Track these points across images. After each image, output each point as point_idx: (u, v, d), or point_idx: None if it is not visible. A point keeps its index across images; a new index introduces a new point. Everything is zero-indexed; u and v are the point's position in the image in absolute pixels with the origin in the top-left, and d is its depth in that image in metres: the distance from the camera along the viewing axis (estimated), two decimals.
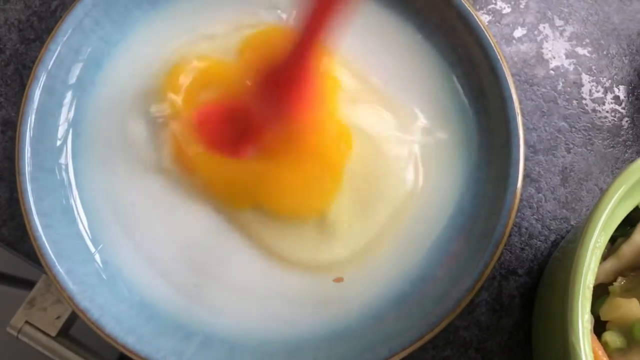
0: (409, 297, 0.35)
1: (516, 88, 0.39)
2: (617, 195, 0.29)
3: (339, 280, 0.36)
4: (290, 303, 0.35)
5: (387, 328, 0.34)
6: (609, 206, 0.29)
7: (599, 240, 0.29)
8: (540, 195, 0.39)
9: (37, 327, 0.40)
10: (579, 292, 0.28)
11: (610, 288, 0.32)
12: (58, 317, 0.40)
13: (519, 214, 0.38)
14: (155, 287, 0.35)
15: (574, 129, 0.40)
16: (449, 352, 0.36)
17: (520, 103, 0.40)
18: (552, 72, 0.41)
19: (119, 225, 0.36)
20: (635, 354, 0.31)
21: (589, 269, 0.29)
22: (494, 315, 0.37)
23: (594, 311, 0.32)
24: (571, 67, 0.41)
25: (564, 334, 0.28)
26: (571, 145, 0.39)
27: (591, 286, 0.29)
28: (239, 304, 0.35)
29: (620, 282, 0.32)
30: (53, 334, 0.39)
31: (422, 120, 0.38)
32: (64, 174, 0.36)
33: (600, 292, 0.33)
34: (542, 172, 0.39)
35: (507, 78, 0.36)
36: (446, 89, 0.38)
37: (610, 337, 0.31)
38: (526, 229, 0.38)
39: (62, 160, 0.36)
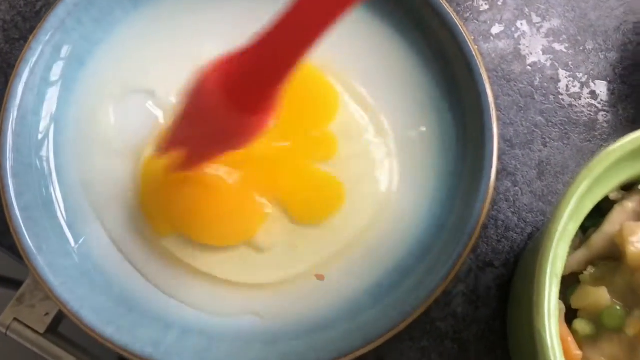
0: (385, 288, 0.35)
1: (493, 84, 0.40)
2: (583, 184, 0.30)
3: (320, 277, 0.36)
4: (269, 298, 0.36)
5: (363, 318, 0.34)
6: (576, 194, 0.29)
7: (567, 229, 0.30)
8: (516, 188, 0.39)
9: (26, 324, 0.40)
10: (545, 278, 0.29)
11: (581, 277, 0.32)
12: (46, 314, 0.40)
13: (495, 207, 0.39)
14: (134, 280, 0.36)
15: (550, 124, 0.40)
16: (425, 343, 0.36)
17: (497, 98, 0.40)
18: (529, 67, 0.41)
19: (99, 221, 0.36)
20: (604, 341, 0.31)
21: (557, 255, 0.29)
22: (470, 307, 0.37)
23: (566, 300, 0.33)
24: (548, 63, 0.42)
25: (531, 321, 0.29)
26: (548, 140, 0.40)
27: (559, 273, 0.30)
28: (217, 297, 0.36)
29: (590, 271, 0.32)
30: (41, 330, 0.40)
31: (397, 117, 0.38)
32: (45, 169, 0.36)
33: (573, 281, 0.33)
34: (518, 166, 0.39)
35: (482, 73, 0.37)
36: (422, 84, 0.39)
37: (580, 324, 0.31)
38: (502, 221, 0.38)
39: (43, 156, 0.36)
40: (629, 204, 0.32)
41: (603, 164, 0.30)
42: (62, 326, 0.41)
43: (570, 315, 0.32)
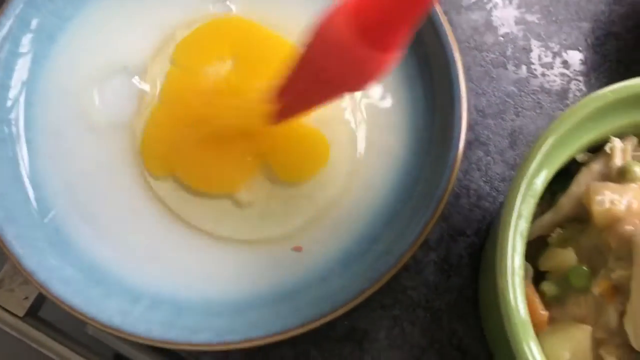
0: (354, 255, 0.35)
1: (465, 54, 0.40)
2: (549, 140, 0.29)
3: (297, 249, 0.36)
4: (241, 269, 0.36)
5: (331, 286, 0.34)
6: (541, 151, 0.29)
7: (532, 187, 0.30)
8: (488, 158, 0.39)
9: (5, 308, 0.40)
10: (508, 235, 0.28)
11: (549, 239, 0.32)
12: (26, 298, 0.40)
13: (467, 176, 0.38)
14: (104, 253, 0.35)
15: (523, 93, 0.40)
16: (397, 311, 0.36)
17: (469, 69, 0.40)
18: (501, 38, 0.41)
19: (68, 194, 0.36)
20: (571, 302, 0.31)
21: (521, 214, 0.29)
22: (442, 275, 0.37)
23: (535, 264, 0.33)
24: (520, 34, 0.41)
25: (494, 279, 0.28)
26: (520, 109, 0.40)
27: (524, 232, 0.29)
28: (188, 269, 0.36)
29: (557, 232, 0.32)
30: (21, 314, 0.40)
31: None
32: (15, 142, 0.36)
33: (541, 245, 0.33)
34: (490, 136, 0.39)
35: (450, 42, 0.37)
36: None
37: (547, 286, 0.31)
38: (475, 190, 0.38)
39: (13, 129, 0.36)
40: (595, 166, 0.32)
41: (569, 120, 0.30)
42: (42, 310, 0.41)
43: (539, 280, 0.32)
